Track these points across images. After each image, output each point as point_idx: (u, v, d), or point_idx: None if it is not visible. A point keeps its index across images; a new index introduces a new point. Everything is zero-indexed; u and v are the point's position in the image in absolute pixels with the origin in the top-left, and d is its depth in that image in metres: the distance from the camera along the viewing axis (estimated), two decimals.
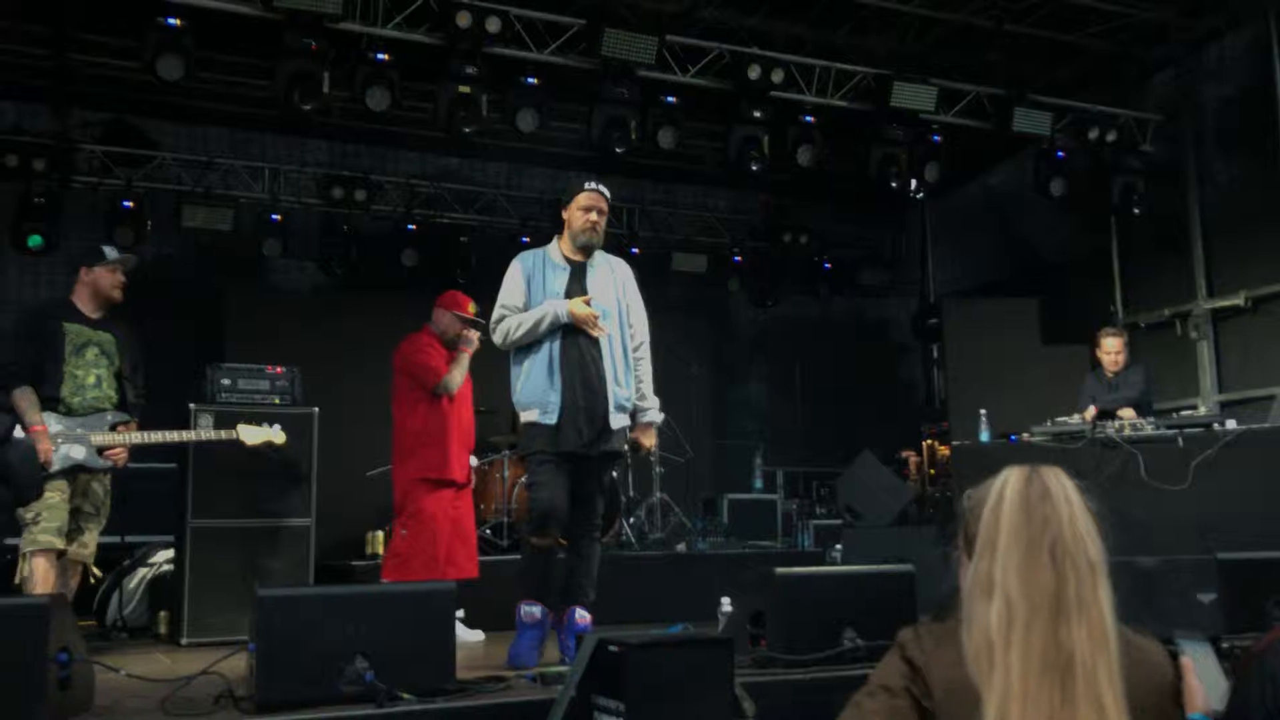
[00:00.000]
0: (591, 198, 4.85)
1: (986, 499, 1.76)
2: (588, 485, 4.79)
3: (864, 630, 4.22)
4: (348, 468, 7.89)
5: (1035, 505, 1.70)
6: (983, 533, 1.72)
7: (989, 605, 1.66)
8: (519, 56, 7.79)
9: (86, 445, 5.08)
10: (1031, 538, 1.67)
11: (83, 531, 5.16)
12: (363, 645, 3.51)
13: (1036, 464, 1.77)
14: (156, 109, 9.31)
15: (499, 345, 4.84)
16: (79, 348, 5.20)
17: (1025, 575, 1.65)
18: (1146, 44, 9.57)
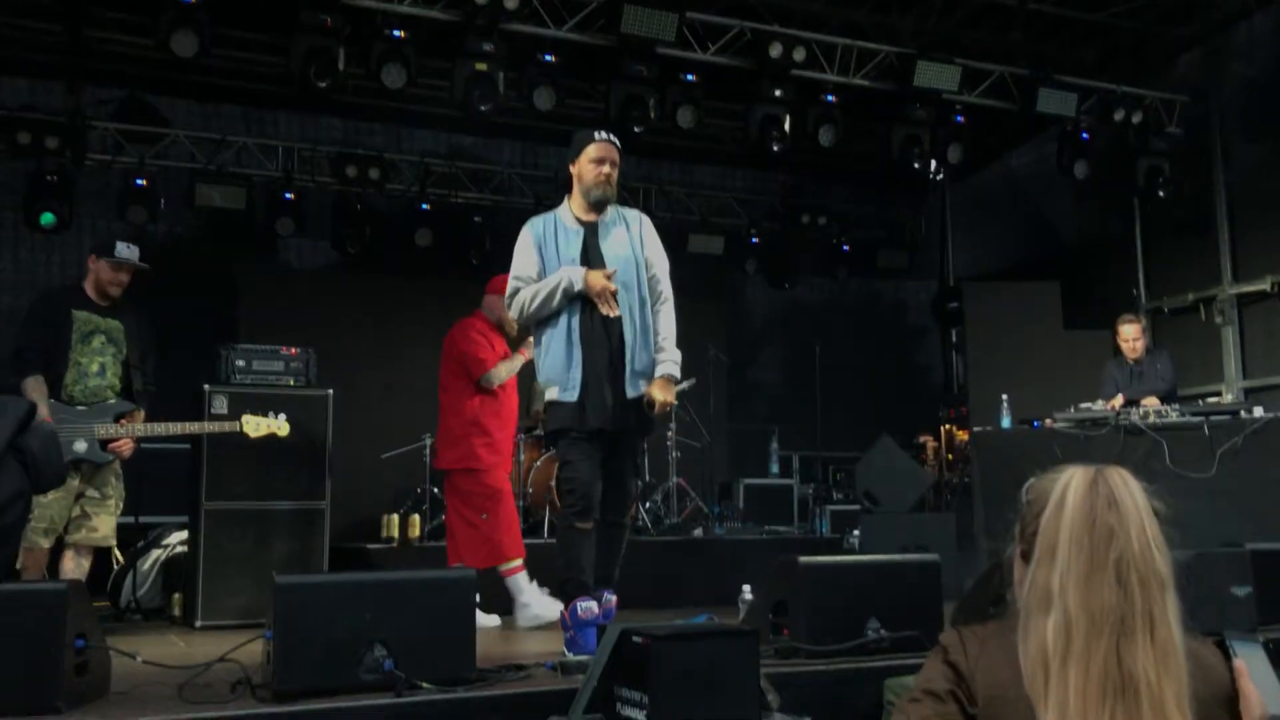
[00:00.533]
0: (602, 148, 4.54)
1: (1048, 497, 1.67)
2: (619, 464, 4.54)
3: (888, 621, 4.15)
4: (362, 450, 7.85)
5: (1100, 514, 1.60)
6: (1042, 539, 1.64)
7: (1046, 619, 1.59)
8: (536, 33, 7.69)
9: (89, 438, 5.08)
10: (1095, 551, 1.59)
11: (89, 517, 5.18)
12: (382, 633, 3.45)
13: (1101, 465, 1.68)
14: (170, 86, 9.23)
15: (515, 320, 4.63)
16: (86, 335, 5.20)
17: (1086, 591, 1.57)
18: (1173, 23, 9.42)
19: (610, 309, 4.41)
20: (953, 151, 9.12)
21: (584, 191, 4.53)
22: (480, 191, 10.40)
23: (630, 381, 4.42)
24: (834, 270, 11.93)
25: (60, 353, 5.12)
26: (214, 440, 6.12)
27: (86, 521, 5.17)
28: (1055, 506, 1.64)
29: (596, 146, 4.53)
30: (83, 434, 5.09)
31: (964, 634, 1.75)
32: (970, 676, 1.70)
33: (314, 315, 8.92)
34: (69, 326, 5.16)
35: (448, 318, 8.78)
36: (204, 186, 9.12)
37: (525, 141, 10.63)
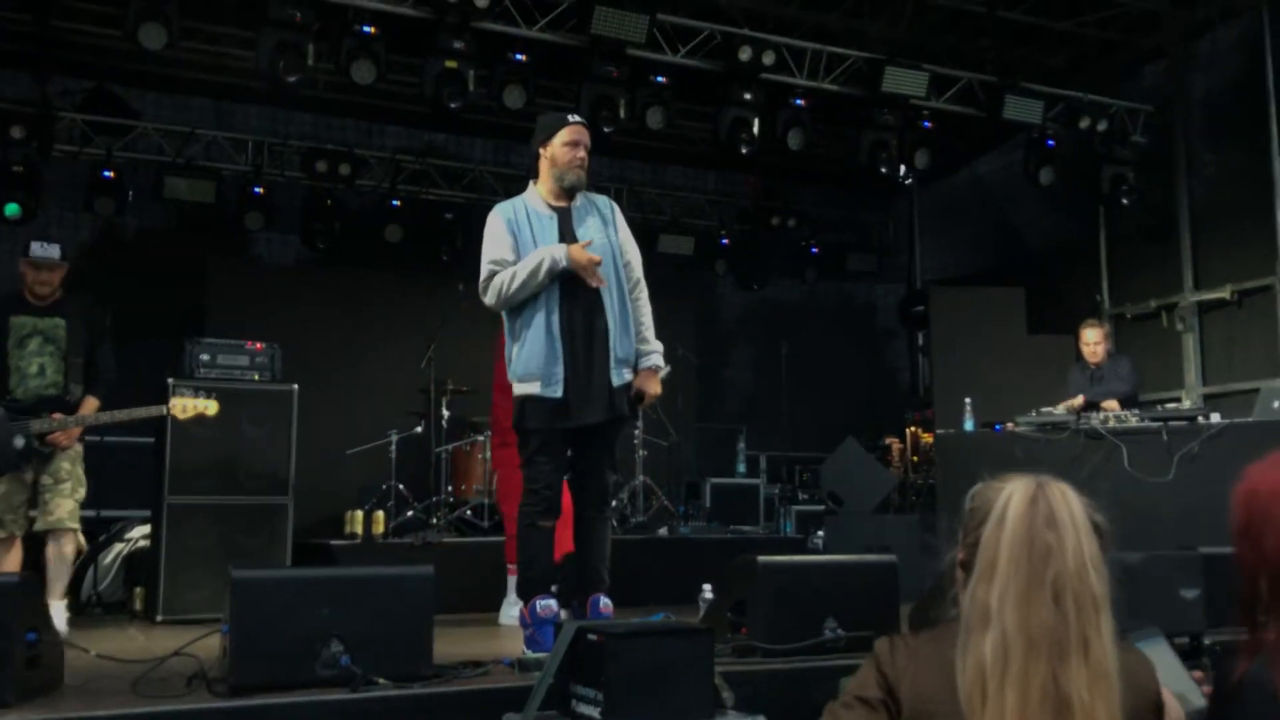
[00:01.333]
0: (576, 131, 4.40)
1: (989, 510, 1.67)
2: (597, 457, 4.39)
3: (846, 620, 4.20)
4: (328, 445, 7.83)
5: (1039, 533, 1.61)
6: (982, 554, 1.64)
7: (985, 636, 1.59)
8: (507, 32, 7.70)
9: (25, 433, 5.13)
10: (1033, 570, 1.59)
11: (47, 503, 5.25)
12: (339, 629, 3.46)
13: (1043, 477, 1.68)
14: (139, 78, 9.17)
15: (492, 306, 4.37)
16: (22, 339, 5.29)
17: (1024, 611, 1.58)
18: (1139, 34, 9.55)
19: (598, 280, 4.29)
20: (920, 157, 9.20)
21: (557, 175, 4.39)
22: (452, 188, 10.38)
23: (614, 370, 4.33)
24: (803, 272, 12.00)
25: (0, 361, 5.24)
26: (177, 434, 6.10)
27: (45, 507, 5.26)
28: (996, 521, 1.64)
29: (570, 130, 4.41)
30: (18, 430, 5.14)
31: (895, 642, 1.76)
32: (896, 686, 1.70)
33: (283, 310, 8.88)
34: (6, 335, 5.28)
35: (417, 314, 8.84)
36: (173, 179, 9.06)
37: (497, 139, 10.63)
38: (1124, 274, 10.25)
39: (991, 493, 1.70)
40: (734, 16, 8.64)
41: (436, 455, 7.95)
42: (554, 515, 4.34)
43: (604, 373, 4.32)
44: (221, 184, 9.29)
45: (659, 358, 4.51)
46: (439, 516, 7.57)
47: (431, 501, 7.75)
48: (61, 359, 5.34)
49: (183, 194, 9.13)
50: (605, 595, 4.36)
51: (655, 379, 4.50)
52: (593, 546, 4.42)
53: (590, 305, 4.34)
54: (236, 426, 6.25)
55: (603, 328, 4.34)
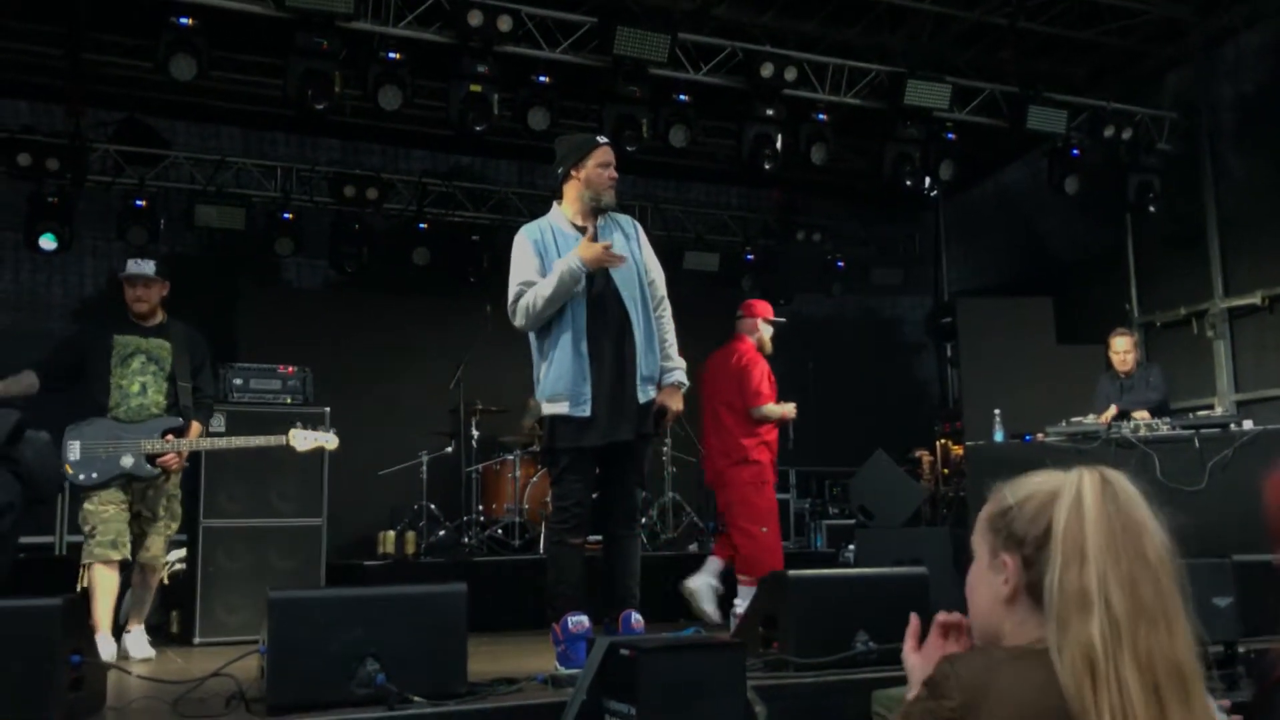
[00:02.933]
0: (608, 152, 4.49)
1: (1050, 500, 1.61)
2: (625, 474, 4.43)
3: (877, 633, 4.19)
4: (360, 467, 7.90)
5: (1125, 510, 1.58)
6: (1065, 541, 1.57)
7: (1088, 621, 1.53)
8: (530, 55, 7.78)
9: (135, 453, 5.20)
10: (1129, 545, 1.56)
11: (145, 536, 5.35)
12: (374, 647, 3.50)
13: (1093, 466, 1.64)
14: (169, 108, 9.32)
15: (521, 327, 4.43)
16: (125, 358, 5.34)
17: (1129, 585, 1.54)
18: (1162, 41, 9.51)
19: (619, 259, 4.34)
20: (944, 169, 9.20)
21: (591, 196, 4.46)
22: (477, 210, 10.47)
23: (640, 388, 4.39)
24: (829, 286, 11.99)
25: (102, 378, 5.28)
26: (212, 457, 6.20)
27: (143, 541, 5.37)
28: (1073, 505, 1.58)
29: (603, 151, 4.49)
30: (129, 449, 5.20)
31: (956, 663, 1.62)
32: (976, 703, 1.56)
33: (313, 334, 8.98)
34: (107, 352, 5.32)
35: (446, 335, 8.91)
36: (203, 207, 9.19)
37: (522, 160, 10.71)
38: (1153, 282, 10.19)
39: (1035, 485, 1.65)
40: (755, 34, 8.69)
41: (467, 475, 8.01)
42: (583, 532, 4.38)
43: (631, 390, 4.37)
44: (251, 211, 9.41)
45: (682, 374, 4.57)
46: (470, 536, 7.62)
47: (463, 521, 7.80)
48: (165, 380, 5.40)
49: (213, 221, 9.25)
50: (636, 611, 4.39)
51: (678, 395, 4.56)
52: (623, 563, 4.45)
53: (616, 323, 4.40)
54: (269, 450, 6.32)
55: (629, 345, 4.39)
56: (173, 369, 5.43)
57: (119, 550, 5.20)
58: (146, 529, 5.40)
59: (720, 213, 11.64)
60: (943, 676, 1.61)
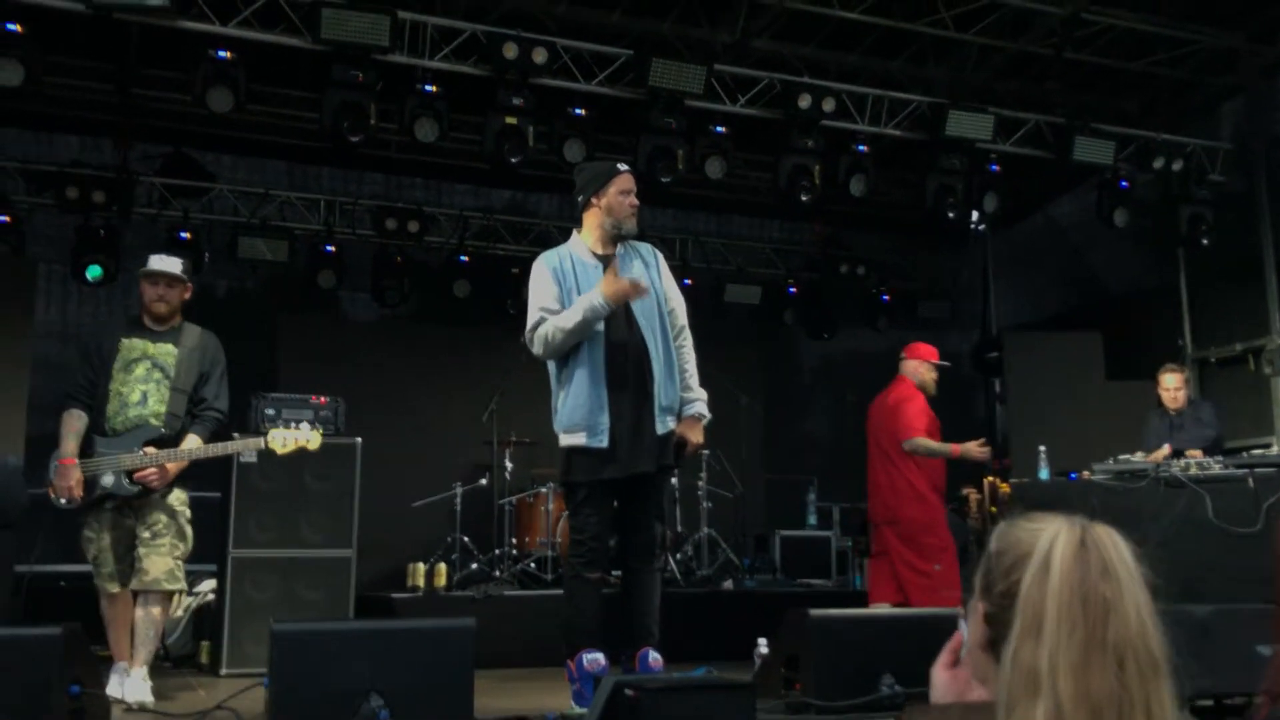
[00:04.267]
0: (629, 179, 4.46)
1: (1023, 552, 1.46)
2: (644, 508, 4.35)
3: (904, 676, 4.06)
4: (393, 499, 7.88)
5: (1094, 585, 1.38)
6: (1024, 609, 1.41)
7: (1034, 704, 1.37)
8: (566, 87, 7.78)
9: (115, 471, 4.72)
10: (1090, 630, 1.36)
11: (140, 559, 4.77)
12: (379, 682, 3.44)
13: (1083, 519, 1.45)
14: (215, 141, 9.45)
15: (539, 355, 4.39)
16: (129, 363, 4.88)
17: (1082, 677, 1.35)
18: (1214, 72, 9.31)
19: (642, 291, 4.28)
20: (988, 201, 9.05)
21: (613, 224, 4.43)
22: (518, 243, 10.48)
23: (659, 419, 4.32)
24: (874, 320, 11.83)
25: (103, 384, 4.83)
26: (243, 488, 6.20)
27: (139, 564, 4.78)
28: (1039, 570, 1.42)
29: (624, 178, 4.46)
30: (108, 466, 4.73)
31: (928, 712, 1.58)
32: None
33: (353, 365, 9.01)
34: (112, 355, 4.88)
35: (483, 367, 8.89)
36: (247, 239, 9.28)
37: (562, 194, 10.68)
38: (1207, 316, 9.91)
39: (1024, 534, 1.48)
40: (796, 66, 8.63)
41: (500, 507, 7.95)
42: (600, 567, 4.31)
43: (650, 422, 4.29)
44: (294, 243, 9.48)
45: (703, 405, 4.49)
46: (502, 569, 7.55)
47: (495, 554, 7.73)
48: (169, 389, 4.88)
49: (257, 254, 9.32)
50: (655, 649, 4.28)
51: (698, 427, 4.48)
52: (641, 599, 4.35)
53: (635, 353, 4.34)
54: (300, 480, 6.34)
55: (648, 375, 4.33)
56: (175, 377, 4.92)
57: (117, 581, 4.78)
58: (143, 550, 4.80)
59: (761, 246, 11.55)
60: None
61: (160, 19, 6.62)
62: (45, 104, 8.34)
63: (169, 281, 4.99)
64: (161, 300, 4.97)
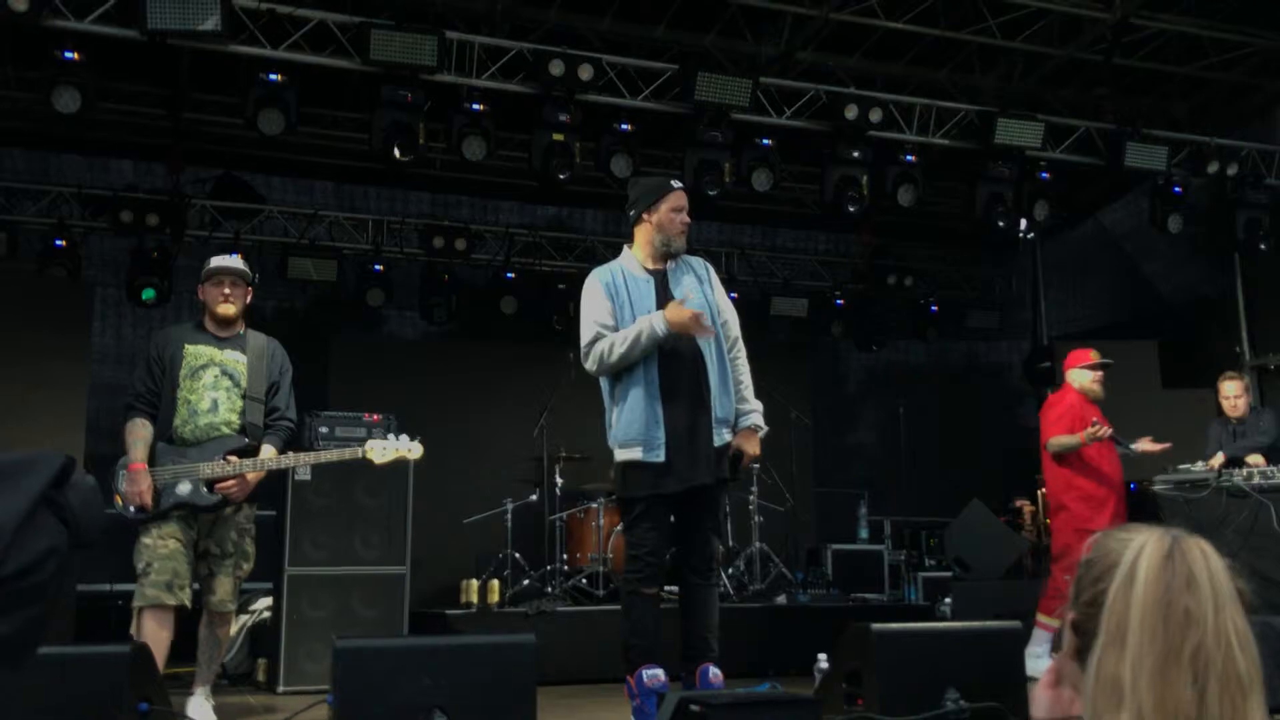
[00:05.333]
0: (681, 197, 4.45)
1: (1113, 562, 1.45)
2: (701, 521, 4.32)
3: (968, 691, 3.99)
4: (446, 515, 7.91)
5: (1177, 596, 1.36)
6: (1109, 619, 1.40)
7: (1118, 714, 1.36)
8: (612, 103, 7.80)
9: (193, 479, 4.51)
10: (1170, 642, 1.35)
11: (212, 577, 4.63)
12: (441, 698, 3.43)
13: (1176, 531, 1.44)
14: (264, 163, 9.58)
15: (592, 372, 4.37)
16: (196, 370, 4.67)
17: (1160, 689, 1.33)
18: (1269, 74, 9.15)
19: (707, 330, 4.26)
20: (1039, 209, 8.94)
21: (664, 241, 4.42)
22: (564, 259, 10.51)
23: (715, 431, 4.30)
24: (924, 332, 11.73)
25: (169, 392, 4.63)
26: (297, 505, 6.25)
27: (210, 583, 4.63)
28: (1125, 580, 1.40)
29: (677, 195, 4.45)
30: (186, 475, 4.52)
31: None
32: None
33: (403, 383, 9.06)
34: (178, 363, 4.66)
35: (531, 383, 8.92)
36: (297, 259, 9.38)
37: (607, 210, 10.74)
38: (1265, 323, 9.71)
39: (1115, 544, 1.47)
40: (841, 77, 8.60)
41: (551, 523, 7.95)
42: (658, 582, 4.27)
43: (706, 434, 4.27)
44: (343, 262, 9.58)
45: (759, 417, 4.47)
46: (554, 585, 7.54)
47: (547, 570, 7.72)
48: (239, 397, 4.70)
49: (307, 273, 9.43)
50: (715, 665, 4.24)
51: (755, 439, 4.45)
52: (700, 614, 4.31)
53: (690, 366, 4.32)
54: (353, 497, 6.37)
55: (704, 388, 4.30)
56: (248, 384, 4.74)
57: (175, 594, 4.43)
58: (214, 569, 4.63)
59: (808, 258, 11.50)
60: None
61: (212, 44, 6.70)
62: (100, 129, 8.51)
63: (234, 280, 4.79)
64: (228, 301, 4.75)
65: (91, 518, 2.65)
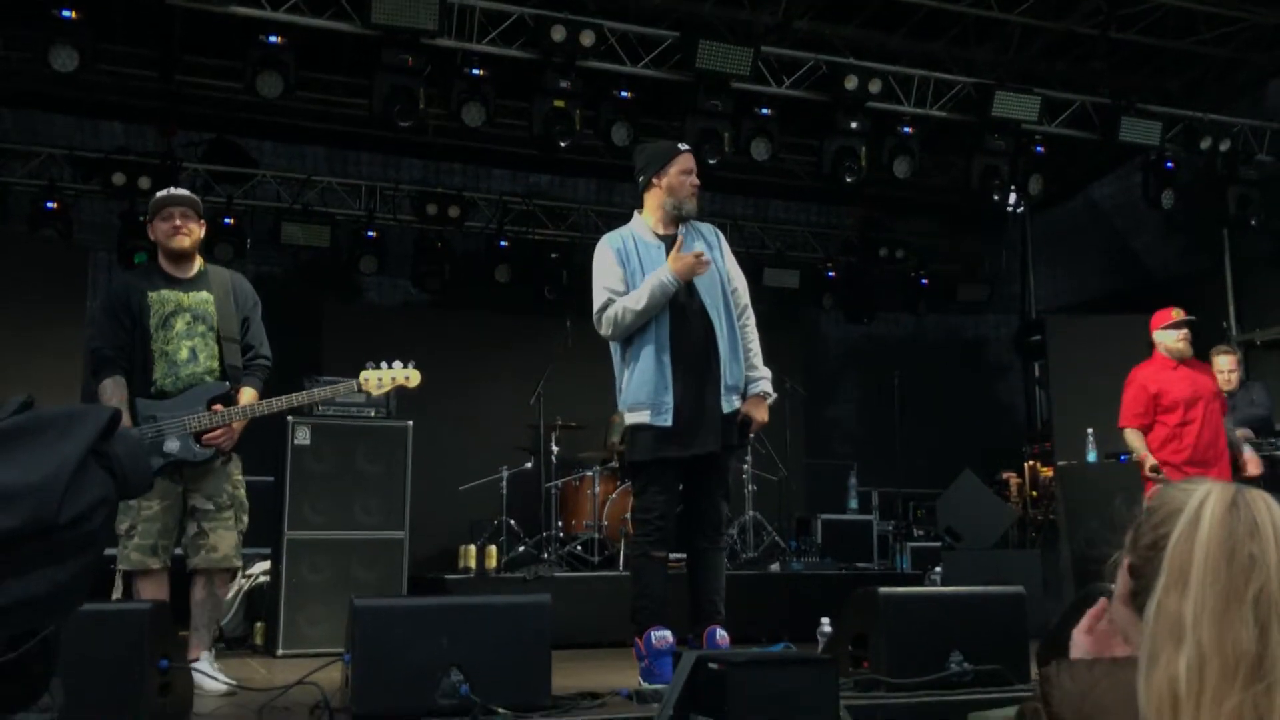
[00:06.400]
0: (690, 159, 4.46)
1: (1175, 509, 1.49)
2: (710, 486, 4.34)
3: (972, 654, 4.06)
4: (442, 481, 7.92)
5: (1241, 542, 1.41)
6: (1172, 560, 1.45)
7: (1178, 652, 1.40)
8: (613, 70, 7.77)
9: (180, 434, 4.26)
10: (1233, 583, 1.40)
11: (206, 535, 4.37)
12: (458, 658, 3.46)
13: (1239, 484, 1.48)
14: (257, 128, 9.50)
15: (607, 336, 4.36)
16: (165, 319, 4.38)
17: (1221, 627, 1.38)
18: (1261, 49, 9.20)
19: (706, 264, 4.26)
20: (1033, 183, 8.99)
21: (674, 204, 4.42)
22: (557, 228, 10.49)
23: (724, 397, 4.33)
24: (914, 305, 11.79)
25: (142, 347, 4.35)
26: (297, 470, 6.23)
27: (204, 540, 4.36)
28: (1189, 524, 1.44)
29: (685, 157, 4.47)
30: (172, 431, 4.26)
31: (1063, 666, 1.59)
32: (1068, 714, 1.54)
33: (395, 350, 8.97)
34: (145, 313, 4.36)
35: (526, 352, 8.93)
36: (289, 225, 9.32)
37: (600, 179, 10.72)
38: (1253, 298, 9.82)
39: (1177, 492, 1.52)
40: (838, 47, 8.58)
41: (546, 490, 7.98)
42: (667, 546, 4.31)
43: (715, 400, 4.30)
44: (336, 229, 9.53)
45: (768, 384, 4.50)
46: (550, 551, 7.58)
47: (542, 536, 7.76)
48: (215, 341, 4.44)
49: (299, 239, 9.38)
50: (722, 628, 4.29)
51: (764, 406, 4.48)
52: (707, 578, 4.36)
53: (700, 333, 4.34)
54: (353, 462, 6.37)
55: (713, 355, 4.33)
56: (219, 325, 4.45)
57: (160, 557, 4.27)
58: (208, 525, 4.37)
59: (800, 229, 11.52)
60: (1047, 681, 1.57)
61: (214, 5, 6.64)
62: (90, 91, 8.41)
63: (184, 210, 4.42)
64: (180, 233, 4.39)
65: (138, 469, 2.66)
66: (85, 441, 2.02)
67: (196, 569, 4.40)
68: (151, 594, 4.18)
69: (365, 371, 4.62)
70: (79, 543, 1.96)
